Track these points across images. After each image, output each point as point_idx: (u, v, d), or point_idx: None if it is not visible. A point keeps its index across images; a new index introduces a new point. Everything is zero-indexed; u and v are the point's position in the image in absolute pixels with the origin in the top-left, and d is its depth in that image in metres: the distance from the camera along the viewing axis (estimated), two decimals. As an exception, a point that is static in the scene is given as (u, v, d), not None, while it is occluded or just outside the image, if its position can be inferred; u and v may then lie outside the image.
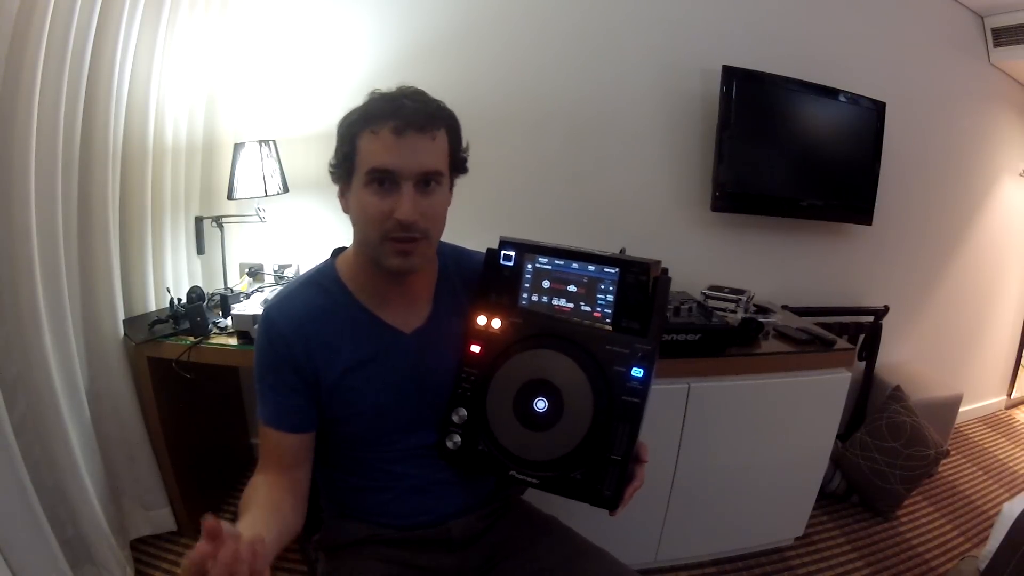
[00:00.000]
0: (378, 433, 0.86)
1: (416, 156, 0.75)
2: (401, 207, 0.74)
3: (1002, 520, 1.36)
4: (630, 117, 1.98)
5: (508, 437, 0.80)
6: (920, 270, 2.47)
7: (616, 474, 0.76)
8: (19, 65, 1.15)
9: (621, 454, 0.76)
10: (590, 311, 0.81)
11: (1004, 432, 2.74)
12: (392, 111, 0.74)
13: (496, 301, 0.84)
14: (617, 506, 0.77)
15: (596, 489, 0.76)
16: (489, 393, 0.81)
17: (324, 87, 1.85)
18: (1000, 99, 2.46)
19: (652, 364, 0.77)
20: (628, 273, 0.79)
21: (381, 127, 0.74)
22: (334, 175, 0.82)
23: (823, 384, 1.58)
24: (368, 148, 0.75)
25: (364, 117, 0.76)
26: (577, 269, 0.82)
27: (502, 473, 0.81)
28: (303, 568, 1.57)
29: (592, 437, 0.76)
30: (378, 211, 0.75)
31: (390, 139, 0.74)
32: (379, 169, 0.75)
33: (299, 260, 1.92)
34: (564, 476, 0.78)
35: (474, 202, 1.95)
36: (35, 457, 1.27)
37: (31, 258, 1.21)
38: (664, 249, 1.89)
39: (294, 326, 0.82)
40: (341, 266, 0.87)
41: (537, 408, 0.79)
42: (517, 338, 0.82)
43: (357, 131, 0.76)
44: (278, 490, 0.80)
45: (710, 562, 1.71)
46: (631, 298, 0.79)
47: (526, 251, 0.84)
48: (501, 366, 0.81)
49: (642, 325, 0.78)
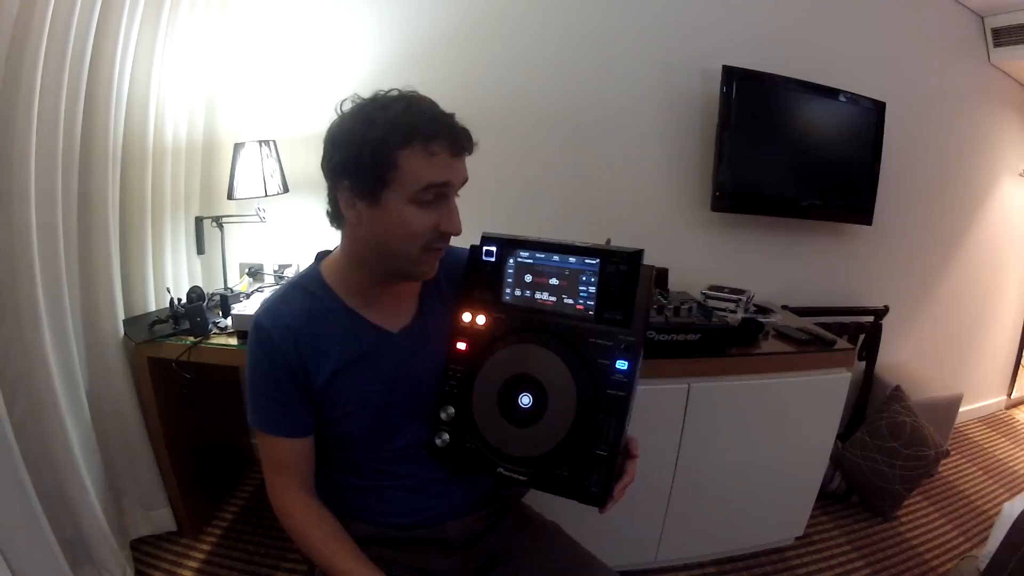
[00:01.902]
0: (371, 433, 0.87)
1: (464, 171, 0.80)
2: (452, 221, 0.78)
3: (1002, 520, 1.35)
4: (630, 117, 1.99)
5: (494, 434, 0.80)
6: (920, 270, 2.47)
7: (604, 470, 0.75)
8: (19, 65, 1.14)
9: (608, 449, 0.75)
10: (573, 304, 0.80)
11: (1004, 432, 2.74)
12: (447, 133, 0.75)
13: (480, 297, 0.84)
14: (605, 503, 0.76)
15: (583, 485, 0.75)
16: (475, 390, 0.81)
17: (324, 87, 1.85)
18: (1000, 99, 2.46)
19: (637, 356, 0.75)
20: (609, 263, 0.78)
21: (438, 148, 0.74)
22: (353, 185, 0.75)
23: (823, 384, 1.58)
24: (421, 166, 0.73)
25: (408, 133, 0.72)
26: (558, 261, 0.81)
27: (490, 470, 0.80)
28: (303, 568, 1.58)
29: (577, 432, 0.76)
30: (424, 225, 0.77)
31: (448, 160, 0.75)
32: (439, 184, 0.75)
33: (299, 260, 1.92)
34: (551, 472, 0.77)
35: (474, 202, 1.95)
36: (35, 457, 1.27)
37: (31, 258, 1.21)
38: (664, 249, 1.89)
39: (285, 332, 0.82)
40: (326, 270, 0.88)
41: (522, 404, 0.78)
42: (501, 333, 0.81)
43: (397, 146, 0.72)
44: (319, 506, 0.86)
45: (710, 562, 1.71)
46: (613, 289, 0.78)
47: (507, 246, 0.84)
48: (485, 362, 0.81)
49: (625, 316, 0.77)
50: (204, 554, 1.64)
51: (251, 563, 1.62)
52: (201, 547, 1.66)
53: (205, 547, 1.67)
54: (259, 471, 2.05)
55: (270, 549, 1.68)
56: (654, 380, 1.43)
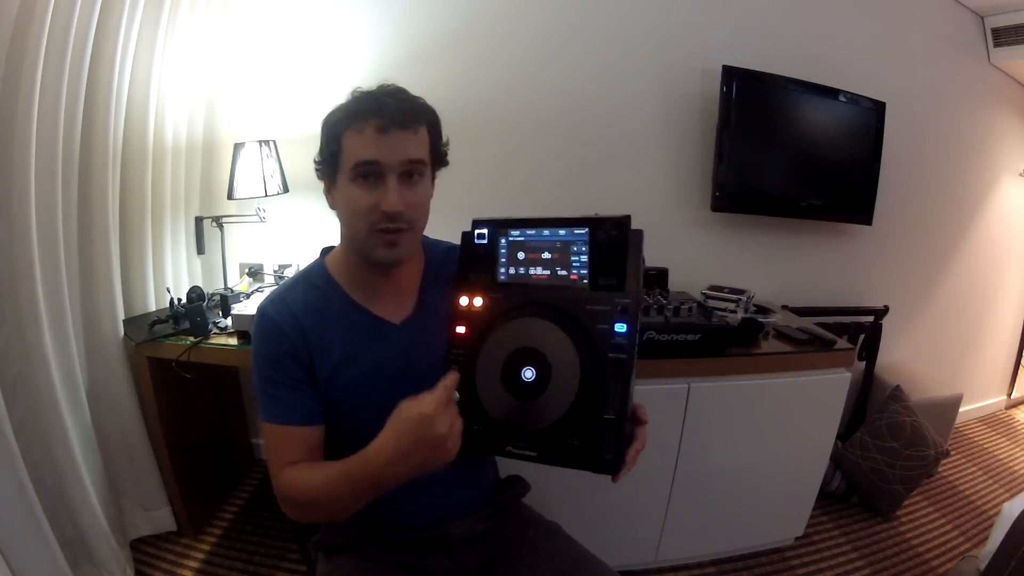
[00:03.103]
0: (375, 426, 0.86)
1: (400, 149, 0.78)
2: (387, 199, 0.77)
3: (1002, 520, 1.35)
4: (630, 117, 1.98)
5: (501, 411, 0.79)
6: (920, 270, 2.47)
7: (614, 435, 0.75)
8: (19, 65, 1.15)
9: (615, 413, 0.75)
10: (567, 275, 0.81)
11: (1004, 432, 2.74)
12: (375, 109, 0.77)
13: (476, 280, 0.84)
14: (619, 470, 0.75)
15: (596, 454, 0.75)
16: (477, 370, 0.81)
17: (324, 87, 1.85)
18: (1000, 99, 2.46)
19: (635, 317, 0.76)
20: (598, 231, 0.79)
21: (365, 126, 0.76)
22: (319, 172, 0.85)
23: (823, 384, 1.58)
24: (353, 145, 0.78)
25: (347, 116, 0.79)
26: (548, 236, 0.82)
27: (499, 450, 0.80)
28: (303, 568, 1.58)
29: (583, 398, 0.75)
30: (365, 204, 0.78)
31: (373, 136, 0.76)
32: (365, 162, 0.77)
33: (299, 260, 1.92)
34: (561, 444, 0.77)
35: (474, 202, 1.95)
36: (35, 457, 1.27)
37: (31, 258, 1.21)
38: (664, 249, 1.89)
39: (290, 321, 0.83)
40: (330, 264, 0.89)
41: (525, 377, 0.78)
42: (499, 312, 0.82)
43: (341, 130, 0.79)
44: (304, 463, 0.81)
45: (710, 562, 1.71)
46: (604, 255, 0.79)
47: (498, 227, 0.85)
48: (486, 342, 0.81)
49: (619, 280, 0.78)
50: (204, 554, 1.64)
51: (251, 563, 1.62)
52: (201, 547, 1.66)
53: (205, 547, 1.66)
54: (259, 471, 2.05)
55: (270, 549, 1.67)
56: (654, 380, 1.43)
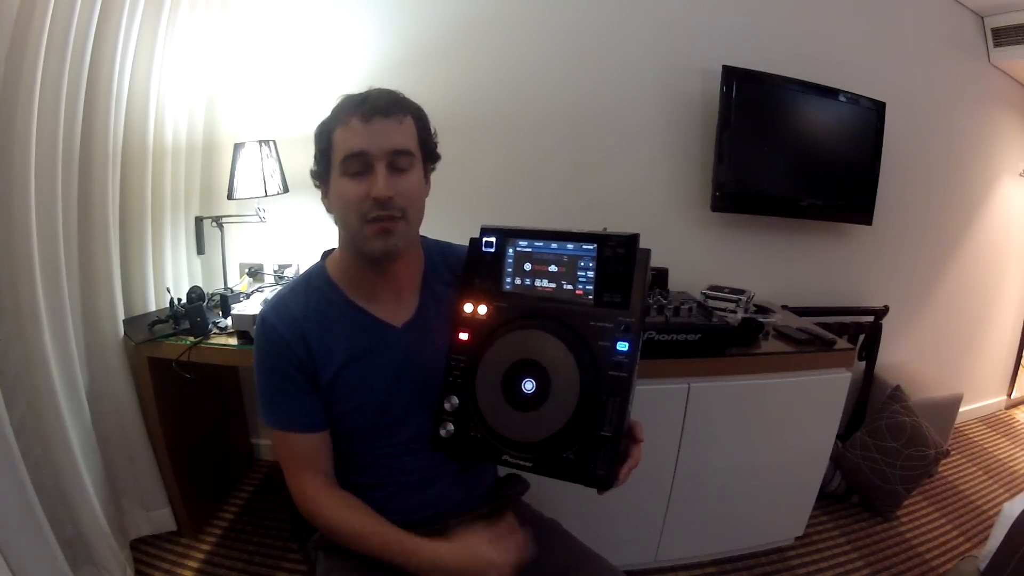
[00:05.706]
0: (375, 427, 0.87)
1: (386, 138, 0.79)
2: (376, 185, 0.78)
3: (1002, 520, 1.35)
4: (630, 117, 1.98)
5: (499, 420, 0.80)
6: (920, 270, 2.47)
7: (608, 451, 0.75)
8: (19, 65, 1.15)
9: (612, 430, 0.75)
10: (572, 289, 0.82)
11: (1004, 432, 2.74)
12: (358, 103, 0.80)
13: (481, 287, 0.85)
14: (611, 485, 0.76)
15: (589, 468, 0.76)
16: (478, 378, 0.82)
17: (324, 87, 1.85)
18: (1000, 99, 2.46)
19: (637, 336, 0.76)
20: (606, 248, 0.80)
21: (350, 119, 0.79)
22: (315, 175, 0.87)
23: (823, 384, 1.58)
24: (341, 139, 0.80)
25: (335, 114, 0.82)
26: (556, 249, 0.83)
27: (496, 458, 0.81)
28: (303, 568, 1.58)
29: (581, 414, 0.76)
30: (355, 195, 0.79)
31: (359, 126, 0.79)
32: (353, 154, 0.78)
33: (299, 260, 1.92)
34: (557, 457, 0.77)
35: (475, 202, 1.95)
36: (35, 457, 1.27)
37: (31, 258, 1.21)
38: (664, 249, 1.87)
39: (291, 327, 0.83)
40: (330, 266, 0.90)
41: (525, 389, 0.79)
42: (502, 321, 0.82)
43: (331, 128, 0.82)
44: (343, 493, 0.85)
45: (710, 562, 1.71)
46: (611, 272, 0.79)
47: (506, 236, 0.86)
48: (488, 350, 0.82)
49: (624, 298, 0.78)
50: (204, 554, 1.64)
51: (251, 563, 1.62)
52: (201, 547, 1.66)
53: (205, 547, 1.66)
54: (259, 471, 2.05)
55: (270, 549, 1.68)
56: (654, 380, 1.43)
